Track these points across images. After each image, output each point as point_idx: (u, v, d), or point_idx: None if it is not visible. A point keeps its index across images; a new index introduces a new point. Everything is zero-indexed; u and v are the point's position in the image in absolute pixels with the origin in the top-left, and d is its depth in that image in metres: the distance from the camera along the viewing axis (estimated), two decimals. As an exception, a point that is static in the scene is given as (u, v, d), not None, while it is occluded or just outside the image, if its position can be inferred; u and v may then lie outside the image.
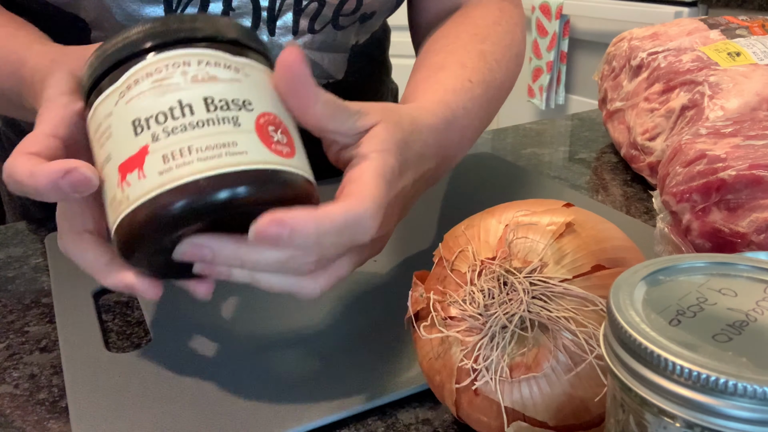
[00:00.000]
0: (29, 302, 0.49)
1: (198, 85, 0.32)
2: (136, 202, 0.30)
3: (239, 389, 0.38)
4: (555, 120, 0.90)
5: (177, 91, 0.31)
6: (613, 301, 0.23)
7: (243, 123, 0.32)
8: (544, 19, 2.06)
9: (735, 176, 0.42)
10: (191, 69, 0.32)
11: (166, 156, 0.30)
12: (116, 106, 0.32)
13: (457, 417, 0.33)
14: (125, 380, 0.39)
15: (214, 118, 0.31)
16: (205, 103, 0.31)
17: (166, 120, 0.31)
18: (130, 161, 0.31)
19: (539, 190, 0.63)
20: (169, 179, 0.30)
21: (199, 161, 0.30)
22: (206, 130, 0.31)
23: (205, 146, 0.31)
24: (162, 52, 0.32)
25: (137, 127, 0.31)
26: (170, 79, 0.32)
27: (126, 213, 0.31)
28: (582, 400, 0.29)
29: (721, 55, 0.64)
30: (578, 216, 0.33)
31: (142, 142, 0.31)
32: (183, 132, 0.31)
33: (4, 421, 0.37)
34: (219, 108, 0.31)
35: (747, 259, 0.25)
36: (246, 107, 0.32)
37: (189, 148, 0.30)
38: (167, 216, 0.30)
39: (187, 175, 0.30)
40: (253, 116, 0.32)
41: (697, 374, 0.19)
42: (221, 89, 0.32)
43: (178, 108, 0.31)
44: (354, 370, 0.39)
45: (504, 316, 0.30)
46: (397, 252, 0.53)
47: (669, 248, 0.45)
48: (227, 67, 0.33)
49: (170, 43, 0.32)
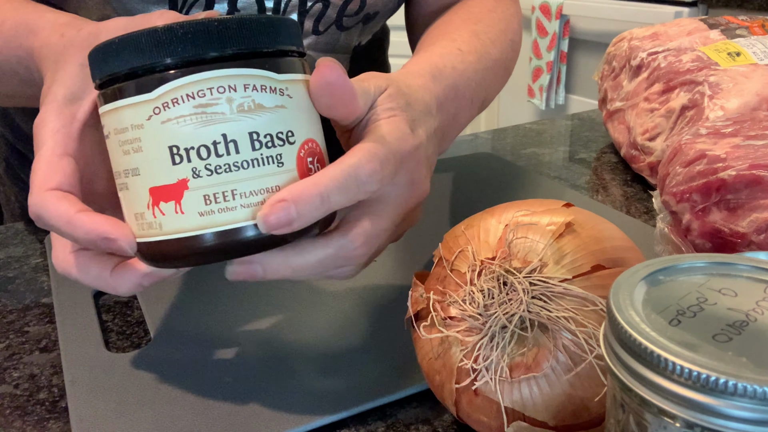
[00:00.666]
0: (29, 302, 0.49)
1: (244, 117, 0.30)
2: (171, 234, 0.30)
3: (239, 389, 0.38)
4: (555, 120, 0.90)
5: (222, 123, 0.30)
6: (613, 301, 0.23)
7: (286, 161, 0.31)
8: (544, 19, 2.06)
9: (735, 176, 0.42)
10: (237, 96, 0.30)
11: (207, 197, 0.30)
12: (149, 121, 0.30)
13: (457, 417, 0.33)
14: (125, 380, 0.39)
15: (258, 158, 0.30)
16: (250, 140, 0.30)
17: (209, 155, 0.30)
18: (166, 190, 0.30)
19: (539, 190, 0.63)
20: (210, 223, 0.30)
21: (242, 208, 0.30)
22: (250, 172, 0.30)
23: (249, 191, 0.30)
24: (206, 71, 0.29)
25: (175, 155, 0.30)
26: (214, 107, 0.30)
27: (157, 240, 0.31)
28: (582, 400, 0.29)
29: (721, 55, 0.64)
30: (578, 216, 0.33)
31: (181, 174, 0.30)
32: (227, 173, 0.30)
33: (4, 421, 0.37)
34: (264, 145, 0.30)
35: (747, 259, 0.25)
36: (288, 140, 0.31)
37: (233, 192, 0.30)
38: (203, 254, 0.31)
39: (229, 222, 0.30)
40: (295, 150, 0.31)
41: (697, 374, 0.19)
42: (267, 121, 0.30)
43: (222, 144, 0.30)
44: (354, 370, 0.39)
45: (504, 316, 0.30)
46: (397, 252, 0.53)
47: (669, 248, 0.45)
48: (273, 90, 0.31)
49: (214, 57, 0.30)
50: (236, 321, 0.44)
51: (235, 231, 0.30)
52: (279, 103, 0.31)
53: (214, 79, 0.30)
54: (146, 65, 0.29)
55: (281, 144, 0.31)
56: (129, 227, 0.32)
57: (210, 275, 0.50)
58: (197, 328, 0.44)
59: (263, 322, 0.44)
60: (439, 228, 0.56)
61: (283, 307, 0.46)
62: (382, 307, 0.45)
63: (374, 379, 0.38)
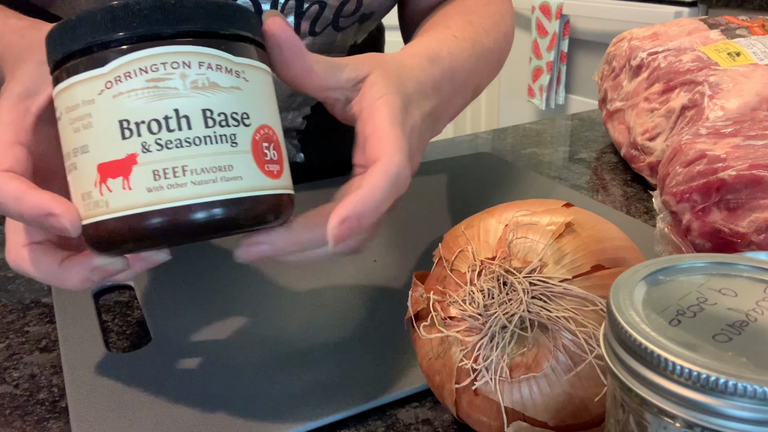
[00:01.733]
0: (29, 302, 0.49)
1: (197, 93, 0.30)
2: (118, 212, 0.29)
3: (239, 389, 0.38)
4: (555, 120, 0.90)
5: (174, 98, 0.29)
6: (613, 301, 0.23)
7: (240, 142, 0.31)
8: (544, 19, 2.06)
9: (735, 176, 0.42)
10: (191, 72, 0.30)
11: (156, 172, 0.29)
12: (100, 96, 0.29)
13: (456, 417, 0.33)
14: (125, 380, 0.39)
15: (211, 136, 0.30)
16: (203, 117, 0.30)
17: (160, 130, 0.29)
18: (114, 165, 0.29)
19: (539, 190, 0.63)
20: (158, 199, 0.29)
21: (193, 185, 0.29)
22: (203, 149, 0.29)
23: (200, 168, 0.29)
24: (160, 46, 0.29)
25: (125, 129, 0.29)
26: (167, 82, 0.29)
27: (104, 218, 0.30)
28: (582, 400, 0.29)
29: (721, 55, 0.64)
30: (578, 216, 0.33)
31: (130, 149, 0.29)
32: (178, 148, 0.29)
33: (4, 421, 0.37)
34: (218, 123, 0.30)
35: (747, 259, 0.25)
36: (244, 122, 0.31)
37: (183, 168, 0.29)
38: (151, 234, 0.29)
39: (179, 198, 0.29)
40: (250, 132, 0.31)
41: (697, 374, 0.19)
42: (221, 100, 0.30)
43: (174, 119, 0.29)
44: (354, 370, 0.39)
45: (504, 316, 0.30)
46: (397, 252, 0.53)
47: (669, 248, 0.45)
48: (228, 71, 0.31)
49: (169, 34, 0.30)
50: (236, 321, 0.44)
51: (184, 208, 0.29)
52: (234, 84, 0.31)
53: (168, 54, 0.29)
54: (101, 41, 0.29)
55: (235, 124, 0.30)
56: (74, 206, 0.31)
57: (210, 275, 0.50)
58: (197, 328, 0.44)
59: (263, 322, 0.44)
60: (439, 228, 0.56)
61: (282, 307, 0.46)
62: (382, 308, 0.45)
63: (374, 379, 0.38)
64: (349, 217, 0.32)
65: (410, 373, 0.39)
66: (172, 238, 0.30)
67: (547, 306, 0.30)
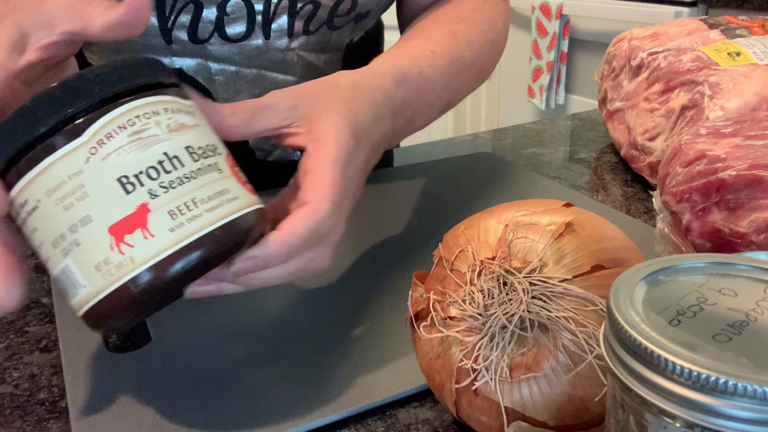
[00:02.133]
0: (29, 302, 0.49)
1: (175, 135, 0.31)
2: (148, 262, 0.30)
3: (239, 389, 0.38)
4: (555, 120, 0.90)
5: (159, 143, 0.31)
6: (613, 301, 0.23)
7: (222, 169, 0.32)
8: (544, 19, 2.06)
9: (735, 176, 0.42)
10: (162, 119, 0.31)
11: (172, 212, 0.30)
12: (88, 164, 0.30)
13: (457, 417, 0.33)
14: (125, 380, 0.39)
15: (201, 168, 0.31)
16: (188, 153, 0.31)
17: (159, 175, 0.30)
18: (127, 222, 0.30)
19: (539, 190, 0.63)
20: (184, 235, 0.30)
21: (207, 213, 0.31)
22: (200, 180, 0.31)
23: (206, 197, 0.31)
24: (127, 103, 0.31)
25: (126, 184, 0.30)
26: (148, 131, 0.31)
27: (135, 274, 0.30)
28: (582, 400, 0.29)
29: (721, 55, 0.64)
30: (578, 216, 0.33)
31: (138, 200, 0.30)
32: (181, 185, 0.30)
33: (4, 421, 0.37)
34: (201, 157, 0.32)
35: (747, 259, 0.25)
36: (216, 152, 0.33)
37: (193, 200, 0.30)
38: (190, 269, 0.30)
39: (202, 227, 0.30)
40: (223, 159, 0.33)
41: (697, 374, 0.19)
42: (194, 136, 0.32)
43: (167, 161, 0.30)
44: (354, 370, 0.39)
45: (504, 316, 0.30)
46: (397, 252, 0.53)
47: (669, 248, 0.45)
48: (187, 112, 0.33)
49: (130, 91, 0.31)
50: (236, 321, 0.44)
51: (209, 235, 0.31)
52: (196, 122, 0.33)
53: (139, 107, 0.31)
54: (70, 114, 0.30)
55: (212, 155, 0.32)
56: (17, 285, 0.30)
57: (210, 275, 0.50)
58: (197, 328, 0.44)
59: (263, 322, 0.44)
60: (439, 228, 0.56)
61: (282, 307, 0.46)
62: (382, 307, 0.45)
63: (374, 379, 0.38)
64: (256, 257, 0.33)
65: (410, 373, 0.39)
66: (208, 266, 0.31)
67: (547, 306, 0.30)
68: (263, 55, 0.59)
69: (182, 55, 0.57)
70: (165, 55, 0.57)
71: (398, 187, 0.65)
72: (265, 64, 0.59)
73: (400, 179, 0.67)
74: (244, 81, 0.60)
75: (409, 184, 0.66)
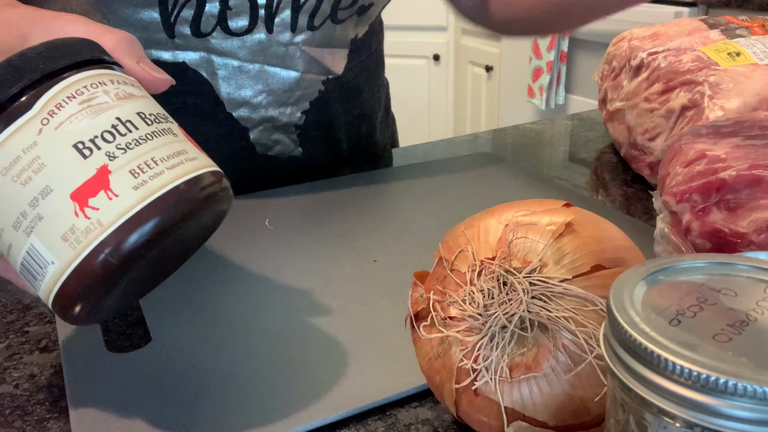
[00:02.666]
0: (29, 302, 0.49)
1: (125, 102, 0.32)
2: (116, 222, 0.29)
3: (239, 389, 0.38)
4: (555, 120, 0.90)
5: (110, 109, 0.31)
6: (613, 301, 0.23)
7: (177, 133, 0.33)
8: (544, 19, 2.06)
9: (735, 176, 0.42)
10: (110, 88, 0.32)
11: (133, 171, 0.30)
12: (41, 135, 0.30)
13: (457, 417, 0.33)
14: (125, 380, 0.39)
15: (156, 131, 0.32)
16: (141, 118, 0.32)
17: (114, 138, 0.30)
18: (88, 186, 0.29)
19: (539, 190, 0.63)
20: (148, 192, 0.30)
21: (169, 170, 0.31)
22: (157, 141, 0.31)
23: (166, 156, 0.31)
24: (74, 75, 0.31)
25: (83, 149, 0.30)
26: (97, 99, 0.31)
27: (103, 237, 0.29)
28: (582, 400, 0.29)
29: (721, 55, 0.64)
30: (578, 216, 0.33)
31: (97, 163, 0.30)
32: (138, 146, 0.31)
33: (4, 421, 0.37)
34: (154, 122, 0.32)
35: (747, 259, 0.25)
36: (168, 119, 0.33)
37: (153, 159, 0.31)
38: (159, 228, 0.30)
39: (166, 183, 0.30)
40: (176, 127, 0.33)
41: (697, 374, 0.19)
42: (143, 104, 0.32)
43: (120, 125, 0.31)
44: (354, 370, 0.39)
45: (504, 316, 0.30)
46: (397, 252, 0.53)
47: (669, 248, 0.45)
48: (133, 85, 0.33)
49: (74, 65, 0.32)
50: (236, 321, 0.44)
51: (175, 190, 0.30)
52: (142, 93, 0.34)
53: (85, 78, 0.31)
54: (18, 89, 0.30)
55: (164, 121, 0.33)
56: None
57: (210, 276, 0.50)
58: (197, 328, 0.44)
59: (262, 322, 0.44)
60: (439, 228, 0.56)
61: (282, 307, 0.46)
62: (382, 308, 0.45)
63: (374, 379, 0.38)
64: None
65: (410, 373, 0.39)
66: (177, 224, 0.31)
67: (547, 306, 0.30)
68: (266, 49, 0.59)
69: (185, 48, 0.57)
70: (168, 49, 0.57)
71: (398, 187, 0.65)
72: (268, 58, 0.60)
73: (400, 179, 0.67)
74: (246, 76, 0.60)
75: (409, 184, 0.66)
